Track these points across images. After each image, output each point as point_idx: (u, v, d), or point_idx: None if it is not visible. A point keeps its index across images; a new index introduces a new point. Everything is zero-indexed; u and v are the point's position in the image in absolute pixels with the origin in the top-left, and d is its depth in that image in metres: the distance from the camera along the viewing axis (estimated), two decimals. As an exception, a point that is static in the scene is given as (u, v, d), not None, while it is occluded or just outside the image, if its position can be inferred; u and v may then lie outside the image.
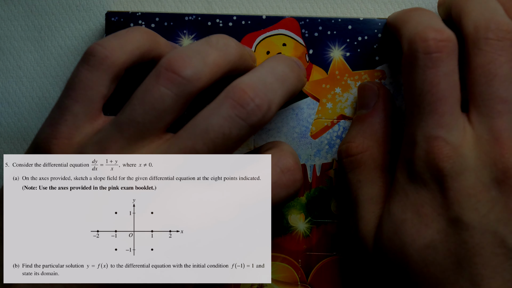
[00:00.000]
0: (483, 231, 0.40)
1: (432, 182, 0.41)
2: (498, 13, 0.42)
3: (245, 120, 0.40)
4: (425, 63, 0.41)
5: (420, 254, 0.41)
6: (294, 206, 0.49)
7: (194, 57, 0.41)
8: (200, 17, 0.48)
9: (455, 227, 0.40)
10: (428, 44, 0.41)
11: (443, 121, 0.41)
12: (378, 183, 0.45)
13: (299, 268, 0.49)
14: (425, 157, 0.41)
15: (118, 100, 0.44)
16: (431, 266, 0.41)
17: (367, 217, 0.44)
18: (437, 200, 0.41)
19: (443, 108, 0.41)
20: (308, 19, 0.48)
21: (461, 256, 0.40)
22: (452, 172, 0.40)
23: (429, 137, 0.41)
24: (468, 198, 0.40)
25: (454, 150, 0.40)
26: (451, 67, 0.41)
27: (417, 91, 0.41)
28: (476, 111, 0.42)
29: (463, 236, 0.40)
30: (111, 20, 0.48)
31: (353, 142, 0.46)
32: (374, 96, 0.46)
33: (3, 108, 0.51)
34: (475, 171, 0.41)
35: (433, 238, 0.41)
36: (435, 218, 0.41)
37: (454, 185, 0.40)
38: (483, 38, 0.41)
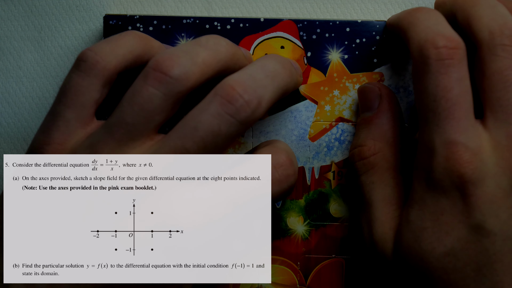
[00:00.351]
0: (504, 238, 0.40)
1: (453, 189, 0.40)
2: (509, 18, 0.42)
3: (234, 117, 0.40)
4: (438, 69, 0.41)
5: (440, 261, 0.41)
6: (293, 209, 0.49)
7: (182, 57, 0.41)
8: (198, 20, 0.48)
9: (476, 234, 0.40)
10: (440, 51, 0.41)
11: (460, 126, 0.40)
12: (391, 184, 0.45)
13: (298, 271, 0.49)
14: (444, 164, 0.40)
15: (113, 105, 0.44)
16: (451, 273, 0.41)
17: (382, 219, 0.44)
18: (457, 207, 0.40)
19: (459, 113, 0.40)
20: (306, 21, 0.48)
21: (482, 263, 0.40)
22: (473, 178, 0.40)
23: (448, 143, 0.40)
24: (489, 204, 0.40)
25: (474, 155, 0.40)
26: (463, 73, 0.41)
27: (431, 97, 0.41)
28: (493, 117, 0.41)
29: (484, 243, 0.40)
30: (109, 23, 0.48)
31: (364, 145, 0.46)
32: (376, 97, 0.46)
33: (3, 108, 0.51)
34: (495, 177, 0.40)
35: (453, 245, 0.40)
36: (456, 225, 0.40)
37: (475, 192, 0.40)
38: (499, 44, 0.41)
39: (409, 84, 0.48)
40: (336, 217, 0.49)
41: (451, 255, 0.41)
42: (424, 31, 0.42)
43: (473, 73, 0.42)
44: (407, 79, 0.48)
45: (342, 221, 0.49)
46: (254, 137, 0.48)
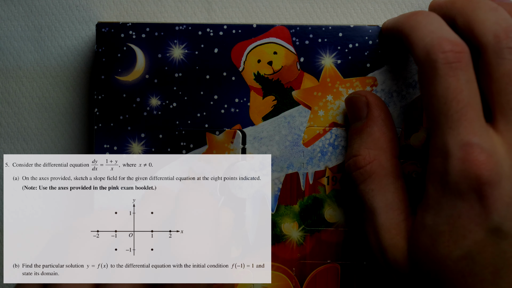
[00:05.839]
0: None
1: (469, 191, 0.40)
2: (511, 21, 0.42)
3: None
4: (446, 72, 0.41)
5: (457, 265, 0.41)
6: (288, 215, 0.49)
7: None
8: (190, 27, 0.48)
9: (493, 236, 0.40)
10: (447, 55, 0.41)
11: (474, 127, 0.40)
12: (391, 189, 0.45)
13: (293, 277, 0.49)
14: (460, 166, 0.40)
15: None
16: (468, 277, 0.40)
17: (387, 225, 0.44)
18: (474, 210, 0.40)
19: (471, 114, 0.40)
20: (299, 27, 0.48)
21: (499, 266, 0.40)
22: (490, 180, 0.40)
23: (463, 145, 0.40)
24: (507, 207, 0.40)
25: (490, 157, 0.40)
26: (471, 76, 0.41)
27: (441, 100, 0.41)
28: (504, 119, 0.41)
29: (501, 246, 0.40)
30: (101, 31, 0.48)
31: (359, 155, 0.46)
32: (364, 106, 0.46)
33: (3, 108, 0.51)
34: (510, 179, 0.40)
35: (470, 248, 0.40)
36: (473, 228, 0.40)
37: (493, 194, 0.40)
38: (505, 47, 0.41)
39: (402, 89, 0.48)
40: (331, 222, 0.49)
41: (468, 258, 0.40)
42: (428, 35, 0.42)
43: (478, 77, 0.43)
44: (400, 83, 0.48)
45: (337, 226, 0.49)
46: (248, 143, 0.48)
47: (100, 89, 0.48)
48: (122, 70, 0.48)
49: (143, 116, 0.48)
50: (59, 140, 0.49)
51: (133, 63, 0.48)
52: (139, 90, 0.48)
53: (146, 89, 0.48)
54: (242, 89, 0.48)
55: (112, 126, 0.47)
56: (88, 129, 0.50)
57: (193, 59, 0.48)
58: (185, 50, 0.48)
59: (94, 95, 0.48)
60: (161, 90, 0.48)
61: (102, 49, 0.48)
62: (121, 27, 0.48)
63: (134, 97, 0.48)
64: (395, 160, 0.46)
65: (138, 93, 0.48)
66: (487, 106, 0.42)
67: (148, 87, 0.48)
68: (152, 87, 0.48)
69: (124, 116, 0.47)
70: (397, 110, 0.48)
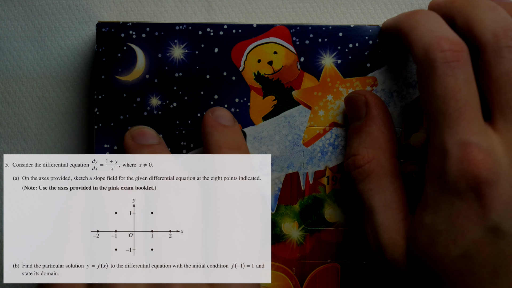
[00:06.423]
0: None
1: (468, 190, 0.40)
2: (511, 20, 0.42)
3: None
4: (445, 71, 0.41)
5: (455, 264, 0.41)
6: (288, 214, 0.49)
7: None
8: (191, 27, 0.48)
9: (492, 235, 0.40)
10: (445, 54, 0.41)
11: (472, 126, 0.40)
12: (389, 189, 0.45)
13: (293, 276, 0.49)
14: (459, 165, 0.40)
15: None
16: (466, 276, 0.40)
17: (386, 224, 0.44)
18: (472, 209, 0.40)
19: (470, 113, 0.40)
20: (299, 26, 0.48)
21: (498, 265, 0.40)
22: (488, 179, 0.40)
23: (462, 144, 0.40)
24: (505, 206, 0.40)
25: (488, 156, 0.40)
26: (469, 75, 0.41)
27: (439, 99, 0.41)
28: (502, 118, 0.41)
29: (500, 245, 0.40)
30: (101, 30, 0.48)
31: (358, 154, 0.46)
32: (362, 106, 0.46)
33: (3, 108, 0.51)
34: (508, 178, 0.40)
35: (468, 248, 0.40)
36: (471, 228, 0.40)
37: (491, 193, 0.40)
38: (504, 46, 0.41)
39: (402, 89, 0.48)
40: (331, 222, 0.49)
41: (467, 257, 0.40)
42: (427, 34, 0.42)
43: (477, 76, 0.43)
44: (400, 83, 0.48)
45: (337, 226, 0.49)
46: (248, 143, 0.48)
47: (100, 89, 0.48)
48: (122, 70, 0.48)
49: (143, 116, 0.48)
50: (59, 140, 0.49)
51: (133, 63, 0.48)
52: (139, 90, 0.48)
53: (146, 89, 0.48)
54: (242, 89, 0.48)
55: (113, 126, 0.47)
56: (88, 129, 0.50)
57: (193, 59, 0.48)
58: (185, 50, 0.48)
59: (94, 95, 0.48)
60: (161, 90, 0.48)
61: (102, 49, 0.48)
62: (121, 27, 0.48)
63: (135, 97, 0.48)
64: (394, 159, 0.45)
65: (138, 93, 0.48)
66: (486, 105, 0.42)
67: (148, 87, 0.48)
68: (152, 87, 0.48)
69: (124, 116, 0.48)
70: (397, 110, 0.48)
